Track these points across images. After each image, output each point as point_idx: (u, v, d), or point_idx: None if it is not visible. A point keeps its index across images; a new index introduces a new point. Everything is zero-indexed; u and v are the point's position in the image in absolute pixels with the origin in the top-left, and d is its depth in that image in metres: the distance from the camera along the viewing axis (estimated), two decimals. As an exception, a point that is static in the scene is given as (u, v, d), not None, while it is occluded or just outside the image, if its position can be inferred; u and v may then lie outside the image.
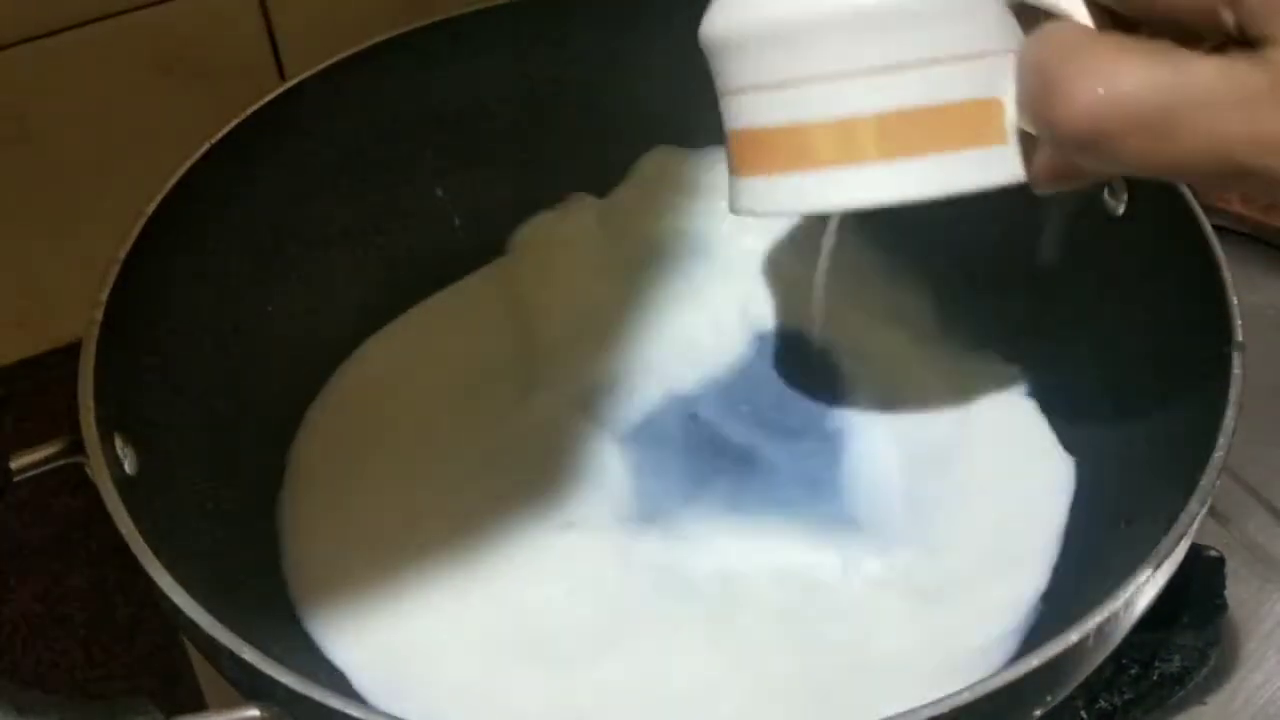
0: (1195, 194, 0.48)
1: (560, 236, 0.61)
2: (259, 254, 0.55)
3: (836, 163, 0.38)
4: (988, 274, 0.57)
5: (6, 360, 0.67)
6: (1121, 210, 0.51)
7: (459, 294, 0.61)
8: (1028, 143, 0.37)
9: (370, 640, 0.48)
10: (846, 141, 0.38)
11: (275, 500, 0.53)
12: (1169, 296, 0.48)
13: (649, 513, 0.52)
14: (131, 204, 0.49)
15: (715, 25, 0.40)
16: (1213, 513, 0.53)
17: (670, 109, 0.61)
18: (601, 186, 0.62)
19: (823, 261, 0.53)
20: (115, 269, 0.47)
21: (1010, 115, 0.37)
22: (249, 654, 0.38)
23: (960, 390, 0.55)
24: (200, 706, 0.50)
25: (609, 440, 0.54)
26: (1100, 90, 0.32)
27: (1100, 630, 0.38)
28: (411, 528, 0.51)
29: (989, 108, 0.37)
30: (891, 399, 0.56)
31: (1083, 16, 0.36)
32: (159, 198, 0.49)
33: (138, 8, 0.60)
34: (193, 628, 0.39)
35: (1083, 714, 0.49)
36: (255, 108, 0.53)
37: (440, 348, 0.59)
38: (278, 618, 0.48)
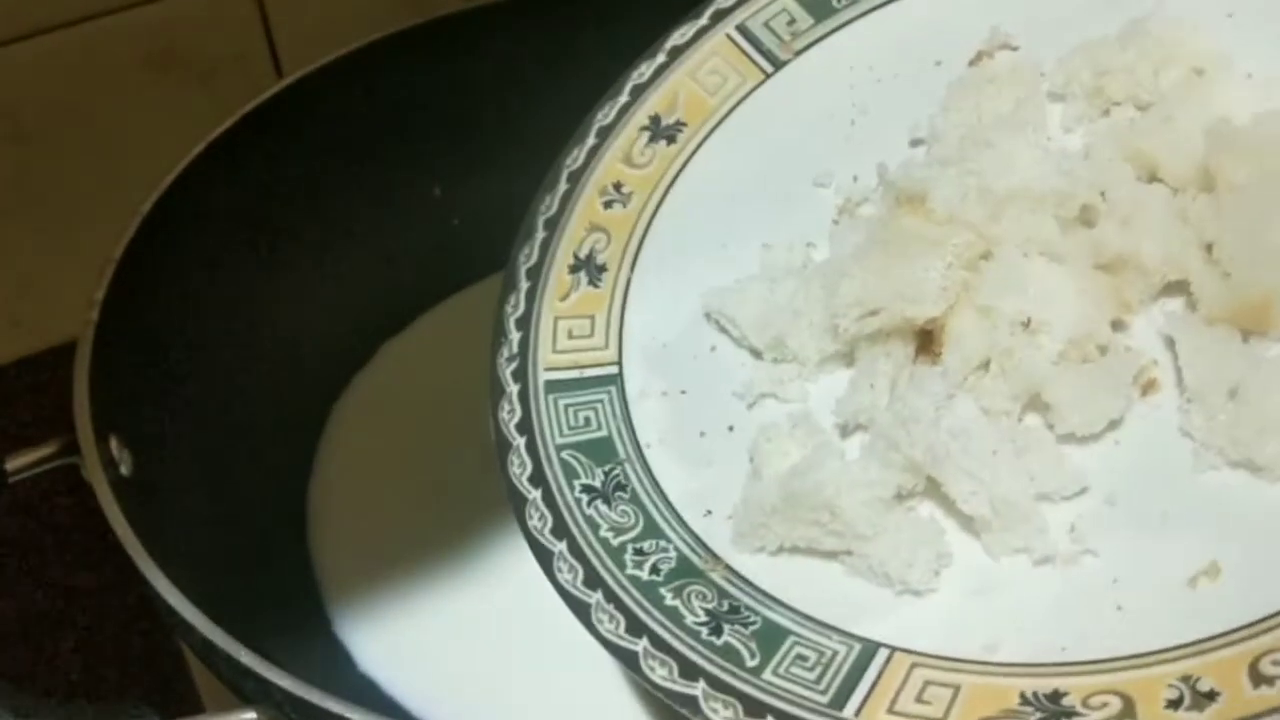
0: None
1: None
2: (255, 253, 0.55)
3: None
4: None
5: (2, 360, 0.67)
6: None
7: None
8: None
9: (394, 638, 0.48)
10: None
11: (272, 500, 0.53)
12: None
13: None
14: (127, 203, 0.49)
15: None
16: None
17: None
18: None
19: None
20: (111, 268, 0.47)
21: None
22: (245, 656, 0.37)
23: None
24: (197, 709, 0.49)
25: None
26: None
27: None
28: (434, 529, 0.51)
29: None
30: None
31: None
32: (155, 196, 0.50)
33: (133, 5, 0.60)
34: (188, 630, 0.39)
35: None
36: (252, 106, 0.53)
37: (458, 348, 0.59)
38: (276, 619, 0.48)
